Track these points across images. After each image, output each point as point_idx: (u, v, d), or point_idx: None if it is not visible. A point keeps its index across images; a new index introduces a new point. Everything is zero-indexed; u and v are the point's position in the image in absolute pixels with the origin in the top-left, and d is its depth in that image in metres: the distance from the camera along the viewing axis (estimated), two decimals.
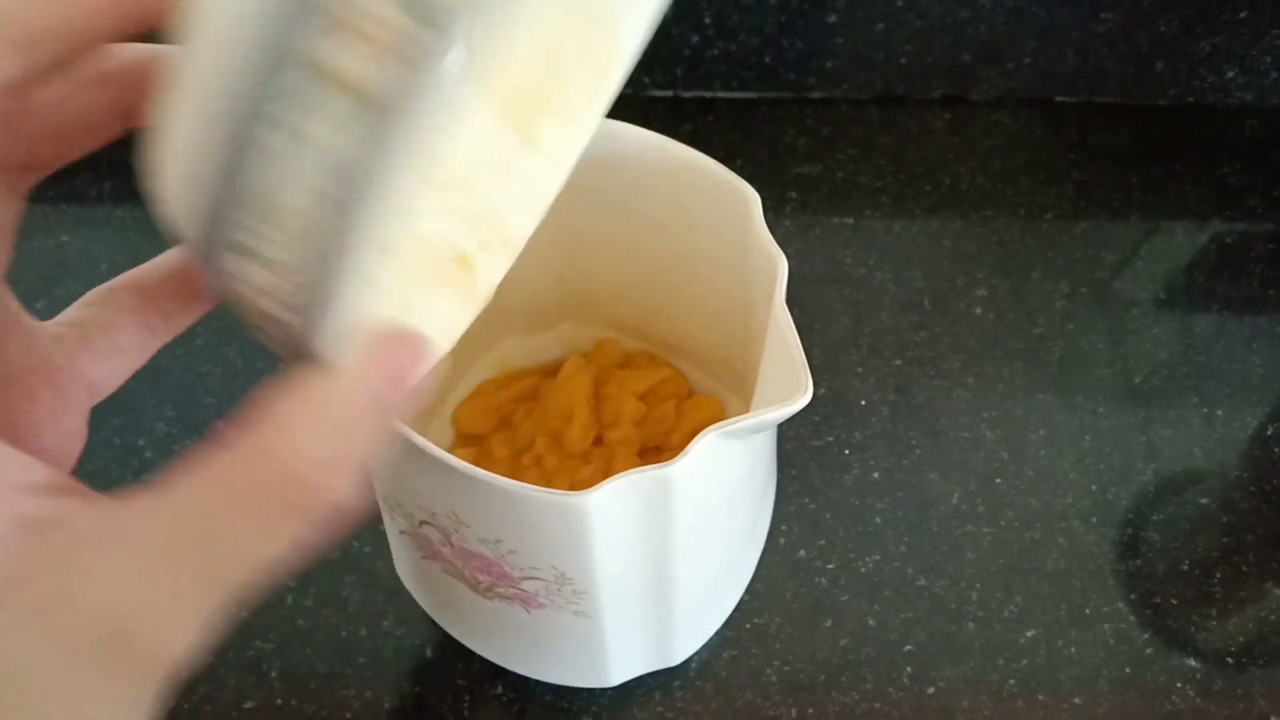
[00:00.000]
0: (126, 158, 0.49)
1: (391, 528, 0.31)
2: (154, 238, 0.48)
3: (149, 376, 0.40)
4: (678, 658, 0.32)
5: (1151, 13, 0.44)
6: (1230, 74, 0.46)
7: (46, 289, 0.42)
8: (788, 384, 0.22)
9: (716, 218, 0.28)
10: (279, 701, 0.34)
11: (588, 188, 0.30)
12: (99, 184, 0.45)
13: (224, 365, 0.40)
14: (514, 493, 0.22)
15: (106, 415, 0.39)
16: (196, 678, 0.34)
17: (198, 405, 0.39)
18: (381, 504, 0.30)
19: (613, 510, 0.23)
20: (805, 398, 0.22)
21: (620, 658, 0.30)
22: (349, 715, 0.33)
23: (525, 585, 0.26)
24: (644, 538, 0.24)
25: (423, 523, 0.26)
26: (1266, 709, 0.34)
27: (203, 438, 0.39)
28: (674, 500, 0.23)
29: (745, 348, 0.33)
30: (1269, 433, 0.39)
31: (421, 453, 0.22)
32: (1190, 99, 0.47)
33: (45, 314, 0.45)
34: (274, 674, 0.34)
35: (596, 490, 0.22)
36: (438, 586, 0.30)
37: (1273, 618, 0.36)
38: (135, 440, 0.38)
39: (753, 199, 0.26)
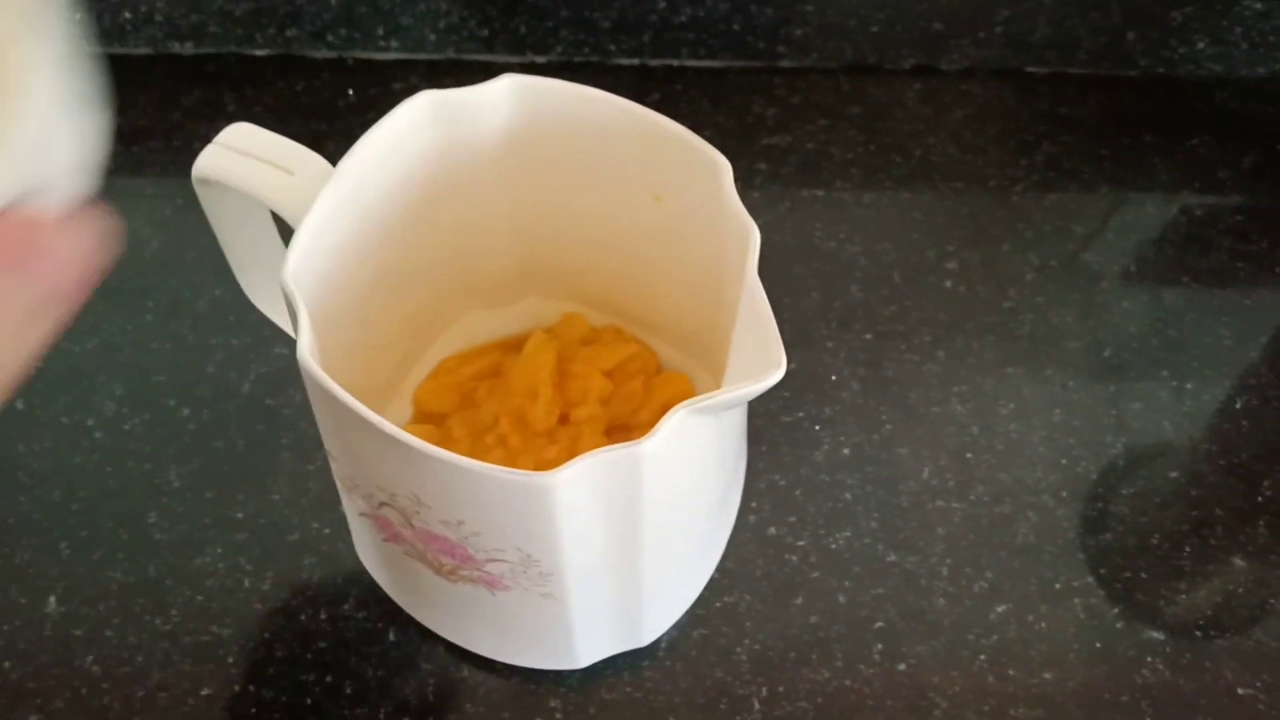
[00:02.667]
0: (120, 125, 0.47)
1: (350, 509, 0.30)
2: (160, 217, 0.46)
3: (97, 354, 0.39)
4: (647, 638, 0.31)
5: None
6: (1201, 45, 0.46)
7: None
8: (760, 359, 0.22)
9: (686, 186, 0.27)
10: (237, 688, 0.33)
11: (552, 155, 0.29)
12: None
13: (175, 341, 0.39)
14: (477, 473, 0.21)
15: (53, 393, 0.38)
16: (150, 664, 0.33)
17: (148, 383, 0.38)
18: (339, 485, 0.29)
19: (580, 491, 0.22)
20: (779, 373, 0.21)
21: (588, 639, 0.29)
22: (309, 700, 0.32)
23: (490, 568, 0.25)
24: (613, 518, 0.24)
25: (382, 504, 0.25)
26: (1233, 680, 0.34)
27: (154, 415, 0.38)
28: (643, 479, 0.22)
29: (716, 322, 0.32)
30: (1237, 406, 0.39)
31: (380, 432, 0.21)
32: (1161, 70, 0.47)
33: None
34: (231, 659, 0.33)
35: (563, 470, 0.21)
36: (400, 569, 0.29)
37: (1240, 590, 0.36)
38: (84, 419, 0.37)
39: (723, 167, 0.25)
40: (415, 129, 0.26)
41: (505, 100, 0.27)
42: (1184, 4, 0.44)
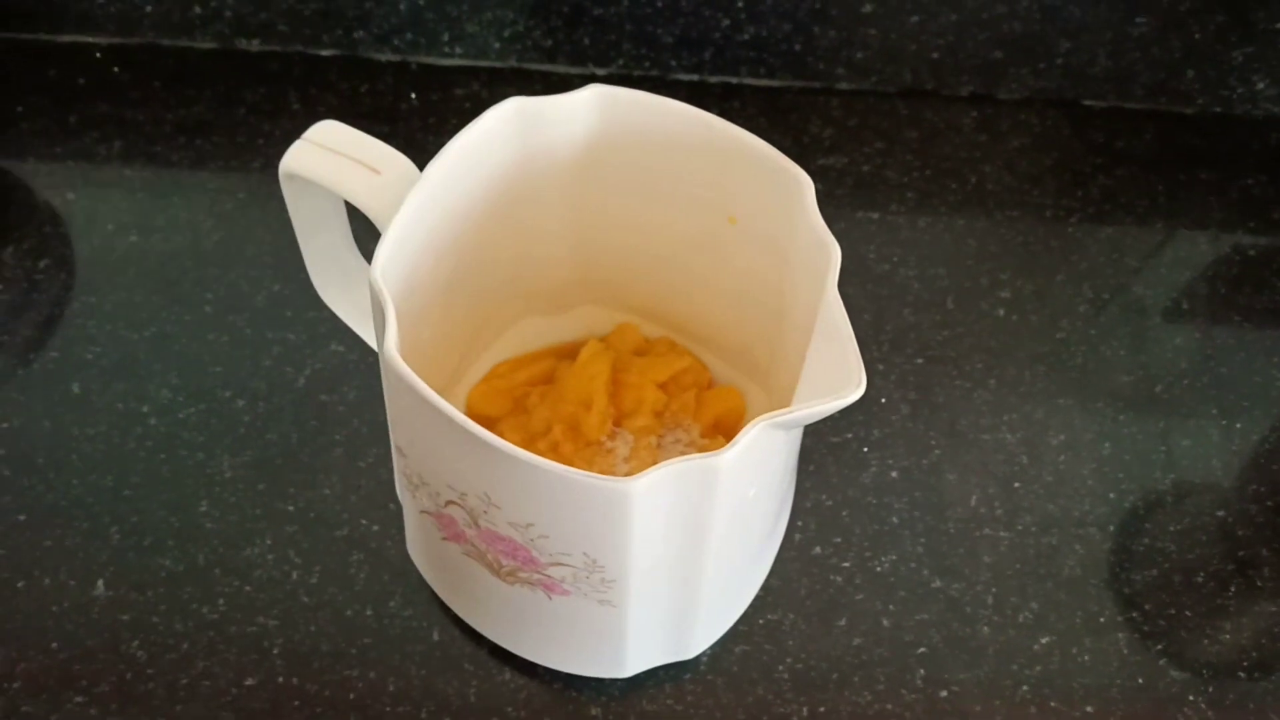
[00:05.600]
0: (138, 115, 0.48)
1: (411, 507, 0.30)
2: (162, 198, 0.47)
3: (154, 342, 0.39)
4: (693, 650, 0.31)
5: (1187, 18, 0.43)
6: (1260, 85, 0.46)
7: (52, 248, 0.41)
8: (838, 376, 0.22)
9: (762, 202, 0.27)
10: (280, 680, 0.33)
11: (627, 166, 0.30)
12: (108, 142, 0.43)
13: (231, 333, 0.39)
14: (558, 476, 0.21)
15: (109, 379, 0.38)
16: (195, 652, 0.33)
17: (203, 373, 0.38)
18: (401, 482, 0.29)
19: (656, 498, 0.22)
20: (858, 391, 0.21)
21: (638, 648, 0.30)
22: (352, 696, 0.33)
23: (551, 571, 0.25)
24: (681, 527, 0.24)
25: (449, 503, 0.25)
26: None
27: (209, 406, 0.38)
28: (717, 490, 0.22)
29: (775, 338, 0.32)
30: None
31: (463, 430, 0.21)
32: (1218, 108, 0.47)
33: (48, 272, 0.44)
34: (276, 651, 0.33)
35: (643, 476, 0.21)
36: (454, 569, 0.29)
37: None
38: (139, 406, 0.37)
39: (806, 184, 0.25)
40: (499, 135, 0.27)
41: (589, 110, 0.27)
42: (1245, 44, 0.44)
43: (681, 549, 0.25)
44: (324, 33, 0.45)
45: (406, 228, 0.24)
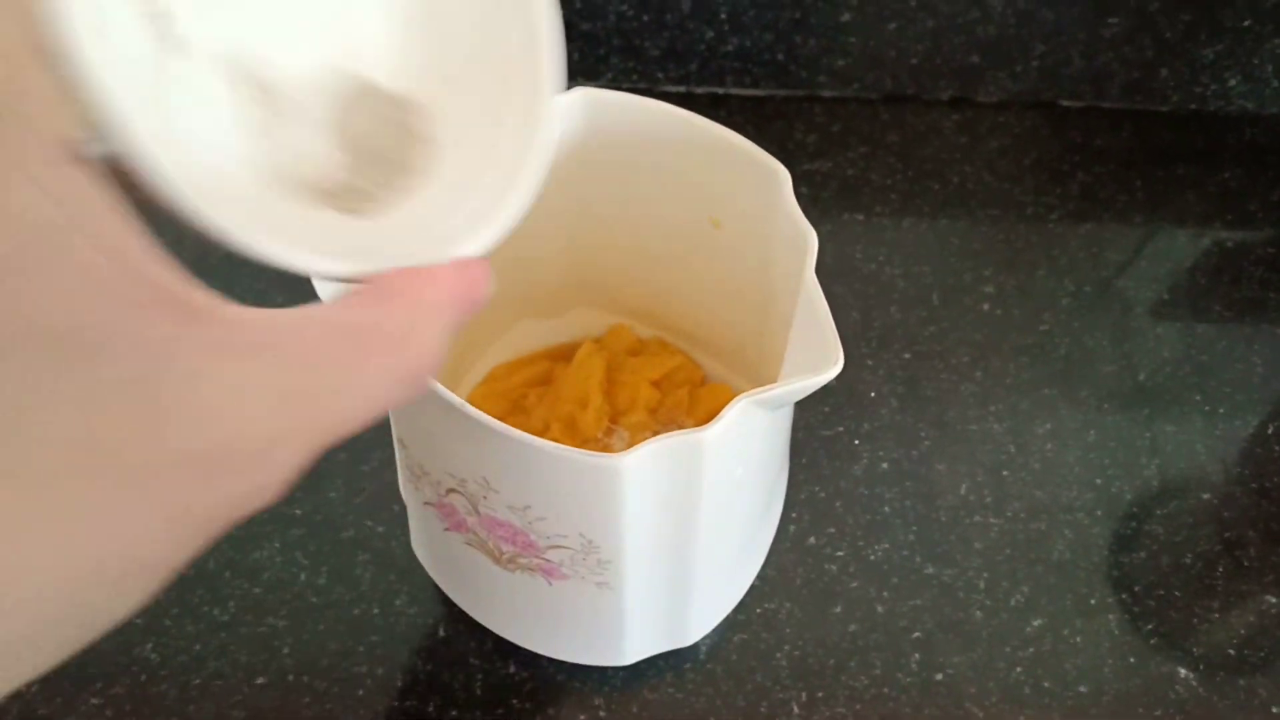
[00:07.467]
0: None
1: (414, 500, 0.31)
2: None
3: None
4: (691, 637, 0.32)
5: (1157, 18, 0.45)
6: (1232, 81, 0.47)
7: None
8: (818, 355, 0.23)
9: (743, 196, 0.28)
10: (290, 678, 0.34)
11: (614, 166, 0.31)
12: None
13: None
14: (551, 454, 0.22)
15: None
16: (207, 653, 0.34)
17: None
18: (404, 475, 0.30)
19: (645, 474, 0.23)
20: (836, 368, 0.22)
21: (637, 634, 0.30)
22: (361, 692, 0.33)
23: (550, 555, 0.26)
24: (672, 505, 0.25)
25: (450, 490, 0.26)
26: (1268, 699, 0.34)
27: None
28: (704, 466, 0.23)
29: (761, 336, 0.33)
30: (1269, 432, 0.40)
31: (460, 414, 0.22)
32: (1192, 105, 0.48)
33: None
34: (286, 650, 0.34)
35: (632, 453, 0.22)
36: (457, 560, 0.30)
37: (1273, 612, 0.36)
38: None
39: (783, 176, 0.26)
40: None
41: (575, 112, 0.29)
42: (1216, 41, 0.45)
43: (673, 527, 0.26)
44: None
45: None
